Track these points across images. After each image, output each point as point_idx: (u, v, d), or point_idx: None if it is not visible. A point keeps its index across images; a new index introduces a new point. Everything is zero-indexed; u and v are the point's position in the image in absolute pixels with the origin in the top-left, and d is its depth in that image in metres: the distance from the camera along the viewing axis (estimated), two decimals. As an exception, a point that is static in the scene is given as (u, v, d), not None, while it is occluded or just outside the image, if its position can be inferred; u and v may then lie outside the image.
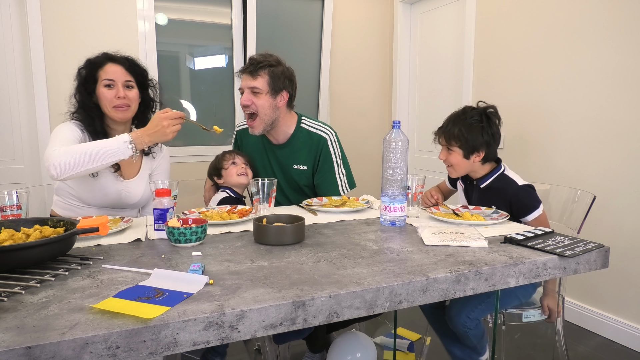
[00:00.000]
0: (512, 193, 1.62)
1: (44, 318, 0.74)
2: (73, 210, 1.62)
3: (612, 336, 2.37)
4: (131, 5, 3.01)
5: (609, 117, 2.34)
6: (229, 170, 1.84)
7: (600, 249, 1.15)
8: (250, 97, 1.77)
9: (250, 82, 1.76)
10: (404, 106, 3.91)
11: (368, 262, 1.03)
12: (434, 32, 3.60)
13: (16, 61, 2.83)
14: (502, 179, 1.67)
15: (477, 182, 1.72)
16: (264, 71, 1.75)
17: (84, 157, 1.40)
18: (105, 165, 1.45)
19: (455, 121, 1.67)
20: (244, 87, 1.79)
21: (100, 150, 1.42)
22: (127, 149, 1.43)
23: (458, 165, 1.69)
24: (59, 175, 1.40)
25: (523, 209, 1.61)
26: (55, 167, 1.39)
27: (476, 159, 1.66)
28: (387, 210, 1.38)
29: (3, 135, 2.85)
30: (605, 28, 2.33)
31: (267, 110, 1.78)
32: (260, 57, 1.78)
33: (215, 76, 3.46)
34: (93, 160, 1.41)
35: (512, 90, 2.85)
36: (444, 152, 1.72)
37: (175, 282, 0.89)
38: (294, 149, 1.90)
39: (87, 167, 1.41)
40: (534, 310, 1.66)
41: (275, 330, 0.81)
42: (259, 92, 1.76)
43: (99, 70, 1.60)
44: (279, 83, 1.78)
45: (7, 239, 1.01)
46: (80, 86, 1.61)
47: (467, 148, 1.64)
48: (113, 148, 1.43)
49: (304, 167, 1.91)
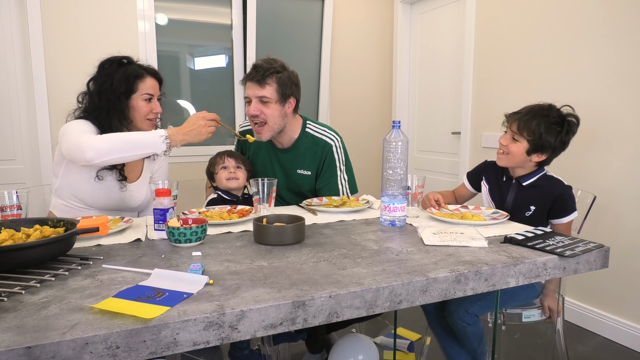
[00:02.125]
0: (560, 192, 1.60)
1: (44, 318, 0.74)
2: (72, 213, 1.61)
3: (612, 336, 2.37)
4: (131, 5, 3.01)
5: (609, 117, 2.34)
6: (219, 174, 1.82)
7: (600, 249, 1.15)
8: (259, 106, 1.72)
9: (258, 92, 1.70)
10: (404, 106, 3.91)
11: (368, 262, 1.03)
12: (434, 32, 3.60)
13: (16, 61, 2.83)
14: (546, 178, 1.65)
15: (519, 180, 1.67)
16: (271, 79, 1.70)
17: (120, 144, 1.41)
18: (139, 156, 1.46)
19: (537, 114, 1.60)
20: (251, 97, 1.73)
21: (137, 140, 1.44)
22: (162, 143, 1.44)
23: (514, 156, 1.63)
24: (93, 159, 1.39)
25: (564, 209, 1.61)
26: (91, 150, 1.38)
27: (535, 158, 1.62)
28: (387, 210, 1.38)
29: (3, 135, 2.85)
30: (605, 28, 2.33)
31: (277, 119, 1.74)
32: (266, 64, 1.72)
33: (215, 76, 3.46)
34: (129, 149, 1.42)
35: (512, 91, 2.85)
36: (508, 137, 1.64)
37: (175, 282, 0.89)
38: (298, 154, 1.87)
39: (122, 155, 1.42)
40: (534, 310, 1.66)
41: (275, 330, 0.81)
42: (268, 101, 1.71)
43: (139, 81, 1.61)
44: (286, 90, 1.73)
45: (7, 239, 1.01)
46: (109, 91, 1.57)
47: (535, 144, 1.59)
48: (149, 140, 1.44)
49: (307, 172, 1.88)
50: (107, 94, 1.57)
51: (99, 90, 1.58)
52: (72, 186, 1.59)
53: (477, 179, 1.84)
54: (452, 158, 3.47)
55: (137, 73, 1.61)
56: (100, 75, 1.61)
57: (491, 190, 1.77)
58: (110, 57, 1.65)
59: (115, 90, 1.57)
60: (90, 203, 1.61)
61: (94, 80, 1.62)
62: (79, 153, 1.40)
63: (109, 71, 1.60)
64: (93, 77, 1.63)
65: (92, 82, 1.62)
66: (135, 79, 1.60)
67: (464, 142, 3.26)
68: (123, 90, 1.58)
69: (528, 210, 1.64)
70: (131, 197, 1.67)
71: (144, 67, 1.66)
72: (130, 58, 1.65)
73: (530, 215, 1.64)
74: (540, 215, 1.64)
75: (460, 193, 1.91)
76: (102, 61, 1.64)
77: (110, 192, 1.62)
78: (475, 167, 1.87)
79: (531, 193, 1.65)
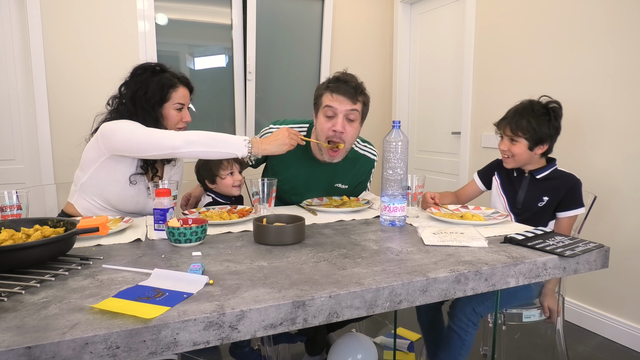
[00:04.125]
0: (573, 183, 1.67)
1: (44, 318, 0.74)
2: (95, 212, 1.60)
3: (612, 336, 2.37)
4: (131, 5, 3.01)
5: (609, 117, 2.34)
6: (225, 180, 1.77)
7: (600, 249, 1.15)
8: (344, 123, 1.61)
9: (349, 106, 1.60)
10: (404, 106, 3.91)
11: (368, 262, 1.03)
12: (434, 32, 3.60)
13: (16, 61, 2.83)
14: (559, 172, 1.72)
15: (532, 173, 1.73)
16: (361, 97, 1.63)
17: (207, 139, 1.47)
18: (219, 154, 1.49)
19: (523, 113, 1.69)
20: (339, 111, 1.60)
21: (222, 138, 1.49)
22: (244, 147, 1.49)
23: (520, 156, 1.70)
24: (180, 147, 1.43)
25: (574, 202, 1.66)
26: (180, 138, 1.44)
27: (538, 151, 1.69)
28: (387, 210, 1.38)
29: (3, 135, 2.85)
30: (606, 28, 2.33)
31: (353, 140, 1.67)
32: (355, 80, 1.64)
33: (215, 76, 3.46)
34: (212, 145, 1.47)
35: (512, 91, 2.85)
36: (507, 142, 1.72)
37: (175, 282, 0.89)
38: (340, 169, 1.81)
39: (205, 150, 1.47)
40: (534, 310, 1.66)
41: (276, 330, 0.81)
42: (355, 120, 1.63)
43: (172, 91, 1.63)
44: (365, 110, 1.67)
45: (7, 239, 1.01)
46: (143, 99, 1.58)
47: (533, 139, 1.66)
48: (233, 141, 1.49)
49: (345, 186, 1.84)
50: (141, 102, 1.58)
51: (132, 97, 1.59)
52: (101, 185, 1.57)
53: (488, 176, 1.89)
54: (452, 158, 3.47)
55: (171, 83, 1.63)
56: (134, 82, 1.61)
57: (503, 184, 1.82)
58: (144, 63, 1.66)
59: (149, 99, 1.58)
60: (116, 204, 1.60)
61: (126, 86, 1.62)
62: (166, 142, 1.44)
63: (142, 78, 1.61)
64: (125, 82, 1.63)
65: (124, 87, 1.63)
66: (169, 88, 1.62)
67: (464, 142, 3.26)
68: (157, 99, 1.60)
69: (541, 201, 1.69)
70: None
71: (177, 76, 1.67)
72: (163, 65, 1.67)
73: (543, 205, 1.68)
74: (552, 206, 1.69)
75: (466, 192, 1.94)
76: (135, 67, 1.65)
77: (138, 196, 1.61)
78: (487, 165, 1.92)
79: (544, 185, 1.70)
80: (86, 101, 2.77)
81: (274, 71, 3.56)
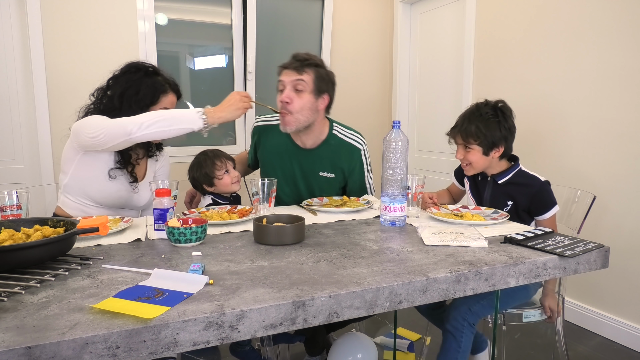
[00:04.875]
0: (537, 189, 1.62)
1: (44, 318, 0.74)
2: (82, 209, 1.62)
3: (612, 336, 2.37)
4: (131, 5, 3.01)
5: (609, 117, 2.34)
6: (223, 180, 1.75)
7: (600, 249, 1.15)
8: (291, 94, 1.66)
9: (294, 76, 1.66)
10: (404, 106, 3.91)
11: (368, 262, 1.03)
12: (434, 32, 3.60)
13: (16, 61, 2.83)
14: (522, 174, 1.67)
15: (494, 178, 1.70)
16: (310, 69, 1.68)
17: (159, 118, 1.46)
18: (175, 131, 1.47)
19: (471, 118, 1.65)
20: (286, 83, 1.68)
21: (174, 115, 1.48)
22: (199, 119, 1.48)
23: (477, 163, 1.67)
24: (134, 132, 1.42)
25: (543, 206, 1.62)
26: (133, 124, 1.42)
27: (495, 154, 1.65)
28: (387, 210, 1.38)
29: (3, 135, 2.85)
30: (606, 28, 2.33)
31: (306, 111, 1.68)
32: (305, 54, 1.70)
33: (215, 76, 3.46)
34: (166, 123, 1.46)
35: (512, 91, 2.85)
36: (461, 151, 1.69)
37: (175, 282, 0.89)
38: (323, 156, 1.82)
39: (160, 129, 1.45)
40: (534, 310, 1.66)
41: (276, 330, 0.81)
42: (302, 90, 1.67)
43: (162, 96, 1.64)
44: (322, 84, 1.70)
45: (7, 239, 1.01)
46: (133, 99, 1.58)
47: (486, 144, 1.62)
48: (187, 116, 1.48)
49: (330, 175, 1.83)
50: (129, 101, 1.58)
51: (121, 95, 1.58)
52: (83, 183, 1.59)
53: (461, 176, 1.88)
54: (452, 158, 3.45)
55: (163, 88, 1.64)
56: (125, 80, 1.61)
57: (471, 186, 1.82)
58: (138, 62, 1.66)
59: (140, 100, 1.58)
60: (99, 201, 1.62)
61: (115, 81, 1.62)
62: (119, 130, 1.42)
63: (135, 78, 1.60)
64: (115, 77, 1.62)
65: (113, 82, 1.62)
66: (160, 93, 1.63)
67: (464, 142, 3.26)
68: (147, 102, 1.60)
69: (506, 206, 1.67)
70: (139, 197, 1.69)
71: (169, 82, 1.67)
72: (156, 68, 1.67)
73: (508, 209, 1.66)
74: (518, 209, 1.66)
75: (452, 190, 1.96)
76: (128, 64, 1.65)
77: (120, 191, 1.63)
78: (459, 166, 1.88)
79: (508, 190, 1.68)
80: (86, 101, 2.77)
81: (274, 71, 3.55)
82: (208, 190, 1.81)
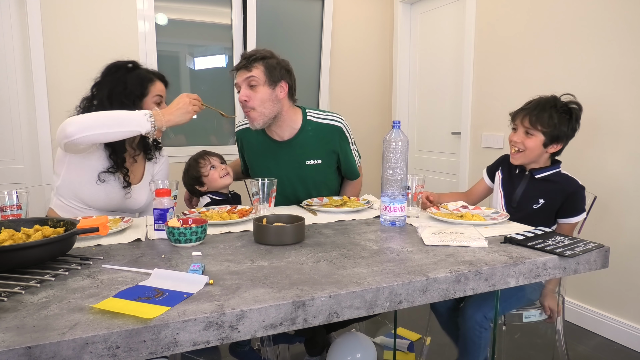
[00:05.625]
0: (573, 190, 1.61)
1: (44, 318, 0.74)
2: (74, 212, 1.61)
3: (612, 336, 2.37)
4: (131, 5, 3.02)
5: (610, 117, 2.34)
6: (210, 175, 1.77)
7: (600, 249, 1.15)
8: (247, 92, 1.68)
9: (244, 74, 1.68)
10: (404, 106, 3.91)
11: (368, 262, 1.03)
12: (434, 32, 3.60)
13: (16, 61, 2.83)
14: (561, 175, 1.66)
15: (532, 172, 1.68)
16: (258, 63, 1.68)
17: (103, 119, 1.39)
18: (121, 134, 1.42)
19: (545, 106, 1.63)
20: (240, 83, 1.70)
21: (120, 116, 1.42)
22: (147, 122, 1.42)
23: (531, 151, 1.64)
24: (74, 134, 1.35)
25: (574, 209, 1.62)
26: (71, 125, 1.35)
27: (551, 149, 1.64)
28: (387, 210, 1.38)
29: (3, 135, 2.85)
30: (606, 27, 2.33)
31: (267, 103, 1.69)
32: (252, 51, 1.72)
33: (215, 76, 3.46)
34: (111, 125, 1.39)
35: (512, 91, 2.85)
36: (521, 134, 1.65)
37: (175, 282, 0.89)
38: (304, 144, 1.80)
39: (103, 131, 1.38)
40: (534, 310, 1.66)
41: (276, 330, 0.81)
42: (256, 84, 1.67)
43: (150, 85, 1.62)
44: (275, 73, 1.69)
45: (7, 239, 1.01)
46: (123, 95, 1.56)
47: (551, 136, 1.61)
48: (133, 117, 1.42)
49: (317, 162, 1.82)
50: (120, 98, 1.56)
51: (109, 95, 1.56)
52: (74, 186, 1.58)
53: (494, 171, 1.84)
54: (452, 158, 3.47)
55: (149, 77, 1.62)
56: (109, 80, 1.59)
57: (503, 180, 1.78)
58: (116, 62, 1.64)
59: (129, 94, 1.56)
60: (91, 204, 1.60)
61: (99, 85, 1.60)
62: (61, 131, 1.37)
63: (118, 75, 1.59)
64: (97, 83, 1.61)
65: (96, 88, 1.61)
66: (147, 82, 1.61)
67: (464, 142, 3.26)
68: (138, 94, 1.58)
69: (537, 203, 1.65)
70: (133, 201, 1.67)
71: (152, 72, 1.66)
72: (135, 62, 1.66)
73: (538, 208, 1.64)
74: (548, 210, 1.65)
75: (476, 191, 1.90)
76: (108, 66, 1.64)
77: (111, 194, 1.61)
78: (495, 160, 1.87)
79: (543, 186, 1.66)
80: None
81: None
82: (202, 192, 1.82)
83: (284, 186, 1.82)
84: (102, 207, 1.62)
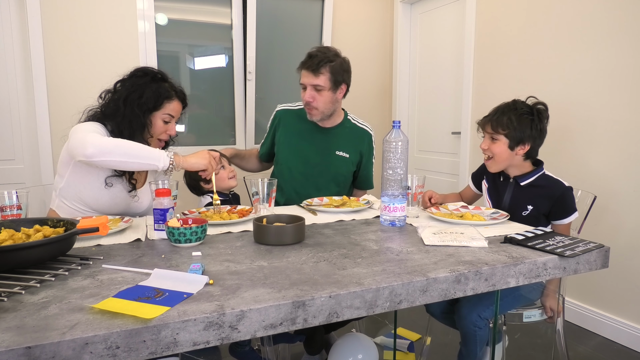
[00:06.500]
0: (560, 193, 1.61)
1: (44, 318, 0.74)
2: (76, 214, 1.58)
3: (612, 336, 2.37)
4: (131, 5, 3.01)
5: (609, 117, 2.34)
6: (220, 175, 1.77)
7: (600, 249, 1.15)
8: (313, 94, 1.85)
9: (312, 80, 1.83)
10: (404, 106, 3.91)
11: (368, 262, 1.03)
12: (434, 32, 3.60)
13: (16, 61, 2.83)
14: (546, 178, 1.66)
15: (517, 179, 1.68)
16: (324, 68, 1.82)
17: (125, 149, 1.41)
18: (137, 166, 1.45)
19: (505, 110, 1.66)
20: (306, 84, 1.85)
21: (142, 150, 1.44)
22: (166, 158, 1.45)
23: (500, 156, 1.65)
24: (93, 155, 1.37)
25: (565, 211, 1.62)
26: (93, 147, 1.37)
27: (520, 151, 1.64)
28: (387, 210, 1.38)
29: (3, 135, 2.85)
30: (605, 28, 2.33)
31: (328, 105, 1.89)
32: (320, 54, 1.84)
33: (215, 76, 3.46)
34: (132, 155, 1.42)
35: (511, 91, 2.85)
36: (487, 141, 1.68)
37: (175, 282, 0.89)
38: (339, 135, 1.99)
39: (123, 160, 1.41)
40: (534, 310, 1.66)
41: (276, 330, 0.81)
42: (322, 89, 1.84)
43: (166, 102, 1.61)
44: (338, 77, 1.86)
45: (7, 239, 1.01)
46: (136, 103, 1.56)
47: (513, 138, 1.62)
48: (154, 155, 1.44)
49: (345, 155, 1.99)
50: (132, 105, 1.56)
51: (125, 98, 1.56)
52: (78, 188, 1.57)
53: (479, 179, 1.85)
54: (452, 158, 3.47)
55: (168, 94, 1.61)
56: (131, 83, 1.59)
57: (489, 189, 1.79)
58: (146, 68, 1.65)
59: (142, 104, 1.56)
60: (95, 207, 1.59)
61: (122, 84, 1.60)
62: (80, 148, 1.39)
63: (141, 82, 1.59)
64: (122, 80, 1.61)
65: (120, 85, 1.61)
66: (164, 99, 1.60)
67: (464, 142, 3.26)
68: (150, 106, 1.58)
69: (525, 210, 1.64)
70: (137, 204, 1.66)
71: (175, 89, 1.65)
72: (164, 74, 1.65)
73: (527, 214, 1.64)
74: (537, 215, 1.64)
75: (466, 194, 1.93)
76: (137, 68, 1.64)
77: (116, 198, 1.60)
78: (478, 168, 1.88)
79: (529, 193, 1.65)
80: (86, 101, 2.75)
81: (274, 71, 3.56)
82: (206, 188, 1.83)
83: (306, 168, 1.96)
84: (106, 211, 1.61)
